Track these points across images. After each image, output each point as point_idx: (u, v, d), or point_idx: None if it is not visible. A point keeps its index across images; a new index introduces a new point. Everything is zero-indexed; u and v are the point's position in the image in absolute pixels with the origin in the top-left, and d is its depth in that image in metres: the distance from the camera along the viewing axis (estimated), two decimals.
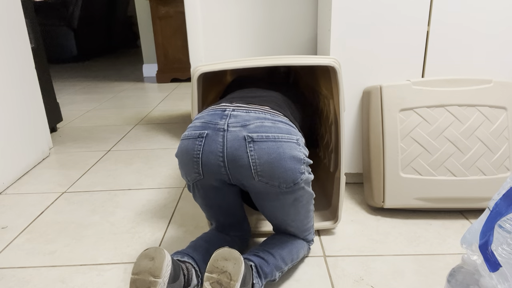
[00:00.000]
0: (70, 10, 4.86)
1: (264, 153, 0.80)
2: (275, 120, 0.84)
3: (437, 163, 1.16)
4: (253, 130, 0.81)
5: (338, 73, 1.01)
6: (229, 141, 0.81)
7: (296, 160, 0.82)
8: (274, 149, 0.80)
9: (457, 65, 1.25)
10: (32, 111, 1.75)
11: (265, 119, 0.83)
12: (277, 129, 0.82)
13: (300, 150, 0.83)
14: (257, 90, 1.01)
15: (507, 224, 0.66)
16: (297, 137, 0.84)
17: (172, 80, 3.67)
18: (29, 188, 1.53)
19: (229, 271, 0.73)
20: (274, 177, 0.81)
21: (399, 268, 0.99)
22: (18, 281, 0.99)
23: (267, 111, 0.86)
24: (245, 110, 0.85)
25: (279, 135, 0.82)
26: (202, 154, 0.82)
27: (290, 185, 0.83)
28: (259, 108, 0.86)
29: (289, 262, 0.93)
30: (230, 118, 0.83)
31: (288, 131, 0.83)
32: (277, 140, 0.81)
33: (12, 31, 1.62)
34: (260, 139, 0.80)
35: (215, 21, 1.59)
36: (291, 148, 0.82)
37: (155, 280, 0.72)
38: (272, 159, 0.80)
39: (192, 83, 1.04)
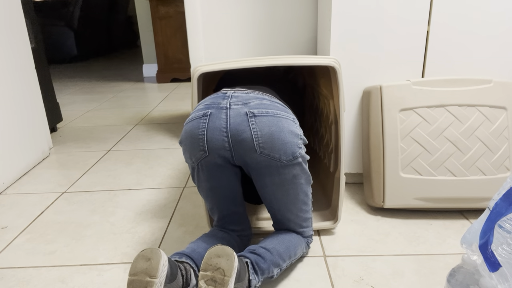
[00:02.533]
0: (70, 10, 4.86)
1: (265, 126, 0.86)
2: (272, 101, 0.91)
3: (437, 163, 1.16)
4: (253, 106, 0.88)
5: (338, 73, 1.01)
6: (232, 117, 0.87)
7: (294, 134, 0.88)
8: (274, 122, 0.86)
9: (457, 65, 1.25)
10: (32, 111, 1.75)
11: (263, 98, 0.90)
12: (275, 107, 0.89)
13: (296, 127, 0.89)
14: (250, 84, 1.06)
15: (507, 224, 0.66)
16: (293, 116, 0.91)
17: (172, 80, 3.67)
18: (29, 188, 1.53)
19: (223, 267, 0.74)
20: (274, 148, 0.86)
21: (399, 268, 0.99)
22: (18, 281, 0.99)
23: (263, 95, 0.93)
24: (245, 92, 0.92)
25: (278, 111, 0.88)
26: (207, 130, 0.87)
27: (290, 157, 0.87)
28: (257, 92, 0.93)
29: (287, 259, 0.93)
30: (232, 98, 0.89)
31: (284, 110, 0.90)
32: (276, 116, 0.87)
33: (12, 31, 1.62)
34: (260, 114, 0.87)
35: (215, 21, 1.59)
36: (288, 123, 0.88)
37: (152, 280, 0.73)
38: (272, 131, 0.86)
39: (192, 83, 1.04)
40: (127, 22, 6.34)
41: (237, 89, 0.94)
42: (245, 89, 0.94)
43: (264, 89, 0.99)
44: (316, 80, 1.30)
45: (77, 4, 4.87)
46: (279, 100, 0.94)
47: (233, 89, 0.94)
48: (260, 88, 0.99)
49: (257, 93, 0.92)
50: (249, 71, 1.22)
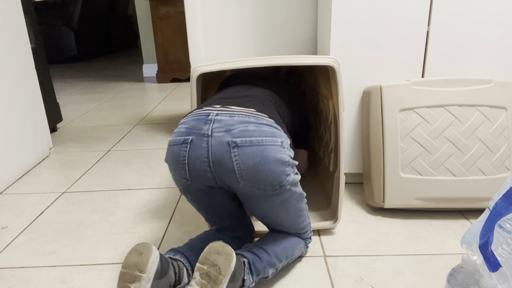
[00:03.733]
0: (70, 10, 4.86)
1: (248, 158, 0.80)
2: (259, 123, 0.84)
3: (437, 163, 1.16)
4: (237, 134, 0.81)
5: (337, 73, 1.01)
6: (214, 147, 0.82)
7: (281, 162, 0.82)
8: (258, 153, 0.81)
9: (457, 65, 1.25)
10: (32, 111, 1.75)
11: (249, 122, 0.83)
12: (261, 132, 0.82)
13: (284, 152, 0.83)
14: (247, 88, 1.01)
15: (507, 224, 0.66)
16: (281, 139, 0.84)
17: (172, 80, 3.67)
18: (29, 188, 1.53)
19: (219, 265, 0.75)
20: (259, 180, 0.82)
21: (399, 268, 0.99)
22: (18, 281, 0.99)
23: (252, 114, 0.86)
24: (228, 114, 0.85)
25: (263, 138, 0.82)
26: (188, 160, 0.83)
27: (276, 187, 0.83)
28: (243, 111, 0.86)
29: (283, 259, 0.93)
30: (214, 123, 0.83)
31: (272, 134, 0.83)
32: (260, 144, 0.81)
33: (12, 31, 1.62)
34: (243, 144, 0.81)
35: (215, 21, 1.59)
36: (275, 151, 0.82)
37: (140, 274, 0.74)
38: (256, 163, 0.81)
39: (191, 83, 1.04)
40: (127, 22, 6.34)
41: (221, 109, 0.86)
42: (230, 109, 0.86)
43: (258, 98, 0.95)
44: (315, 80, 1.31)
45: (77, 4, 4.87)
46: (268, 118, 0.86)
47: (217, 109, 0.87)
48: (253, 97, 0.94)
49: (243, 114, 0.85)
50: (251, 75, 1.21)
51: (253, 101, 0.92)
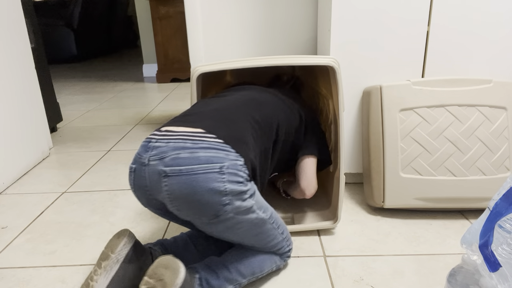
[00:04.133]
0: (70, 10, 4.86)
1: (176, 188, 0.76)
2: (195, 148, 0.77)
3: (437, 163, 1.16)
4: (168, 163, 0.76)
5: (337, 73, 1.01)
6: (149, 176, 0.79)
7: (215, 192, 0.75)
8: (187, 183, 0.75)
9: (457, 65, 1.25)
10: (32, 111, 1.75)
11: (183, 149, 0.77)
12: (193, 159, 0.75)
13: (222, 180, 0.75)
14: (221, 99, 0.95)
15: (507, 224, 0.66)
16: (221, 164, 0.76)
17: (172, 80, 3.67)
18: (29, 188, 1.53)
19: (165, 280, 0.74)
20: (192, 210, 0.78)
21: (399, 268, 0.99)
22: (18, 281, 0.99)
23: (191, 137, 0.79)
24: (166, 140, 0.79)
25: (195, 166, 0.75)
26: (134, 188, 0.83)
27: (212, 218, 0.78)
28: (183, 135, 0.79)
29: (248, 275, 0.89)
30: (152, 151, 0.79)
31: (207, 160, 0.75)
32: (191, 173, 0.75)
33: (12, 31, 1.62)
34: (173, 173, 0.75)
35: (215, 21, 1.59)
36: (208, 180, 0.75)
37: (110, 255, 0.81)
38: (185, 195, 0.75)
39: (191, 83, 1.04)
40: (127, 22, 6.34)
41: (164, 133, 0.81)
42: (172, 133, 0.80)
43: (222, 113, 0.88)
44: (315, 80, 1.30)
45: (77, 4, 4.86)
46: (213, 139, 0.79)
47: (162, 132, 0.82)
48: (215, 112, 0.88)
49: (181, 140, 0.78)
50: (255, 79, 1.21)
51: (213, 117, 0.86)
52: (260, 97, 0.99)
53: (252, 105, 0.93)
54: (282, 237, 0.93)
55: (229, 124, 0.85)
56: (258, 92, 1.02)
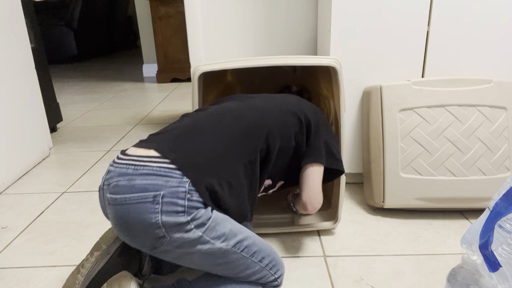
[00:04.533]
0: (70, 10, 4.86)
1: (113, 217, 0.72)
2: (134, 175, 0.71)
3: (437, 163, 1.16)
4: (110, 190, 0.72)
5: (338, 74, 1.01)
6: (102, 201, 0.77)
7: (147, 224, 0.68)
8: (120, 214, 0.70)
9: (457, 65, 1.25)
10: (32, 111, 1.75)
11: (124, 175, 0.71)
12: (129, 188, 0.70)
13: (154, 210, 0.68)
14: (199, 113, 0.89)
15: (507, 224, 0.67)
16: (155, 193, 0.68)
17: (172, 80, 3.67)
18: (29, 188, 1.53)
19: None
20: (130, 240, 0.74)
21: (399, 268, 0.99)
22: (18, 281, 0.99)
23: (137, 161, 0.73)
24: (117, 164, 0.75)
25: (129, 196, 0.69)
26: (101, 208, 0.80)
27: (151, 249, 0.73)
28: (132, 159, 0.74)
29: None
30: (106, 175, 0.75)
31: (142, 188, 0.69)
32: (124, 203, 0.70)
33: (12, 31, 1.62)
34: (112, 202, 0.71)
35: (215, 21, 1.59)
36: (139, 211, 0.68)
37: (102, 246, 0.87)
38: (120, 225, 0.72)
39: (192, 82, 1.04)
40: (127, 22, 6.33)
41: (120, 157, 0.77)
42: (125, 157, 0.75)
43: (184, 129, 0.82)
44: (316, 81, 1.30)
45: (77, 4, 4.86)
46: (158, 164, 0.72)
47: (119, 157, 0.77)
48: (179, 129, 0.82)
49: (125, 165, 0.73)
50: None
51: (177, 135, 0.79)
52: (243, 105, 0.91)
53: (231, 116, 0.86)
54: (260, 265, 0.80)
55: (191, 142, 0.77)
56: (244, 99, 0.94)
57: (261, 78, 1.52)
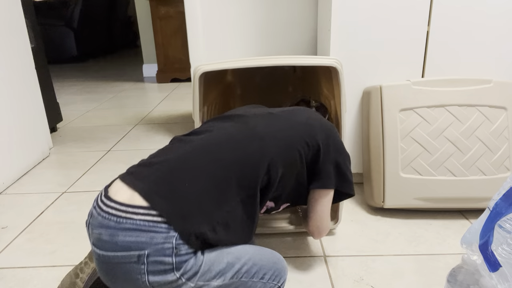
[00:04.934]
0: (70, 10, 4.86)
1: (100, 269, 0.68)
2: (117, 229, 0.65)
3: (437, 163, 1.16)
4: (93, 241, 0.68)
5: (340, 74, 1.01)
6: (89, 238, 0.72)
7: (135, 284, 0.65)
8: (106, 270, 0.67)
9: (457, 65, 1.25)
10: (32, 111, 1.75)
11: (106, 228, 0.65)
12: (112, 245, 0.64)
13: (141, 271, 0.64)
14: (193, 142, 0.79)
15: (507, 224, 0.66)
16: (140, 252, 0.63)
17: (172, 80, 3.67)
18: (29, 188, 1.53)
19: None
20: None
21: (399, 268, 0.99)
22: (18, 281, 0.99)
23: (119, 211, 0.66)
24: (99, 210, 0.68)
25: (112, 254, 0.65)
26: None
27: None
28: (114, 207, 0.67)
29: None
30: (90, 217, 0.70)
31: (125, 247, 0.64)
32: (109, 262, 0.66)
33: (12, 31, 1.62)
34: (96, 257, 0.67)
35: (215, 21, 1.59)
36: (126, 272, 0.65)
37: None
38: (107, 278, 0.68)
39: (193, 82, 1.04)
40: (127, 22, 6.33)
41: (99, 201, 0.70)
42: (108, 200, 0.68)
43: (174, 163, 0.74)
44: (317, 81, 1.30)
45: (77, 4, 4.86)
46: (143, 218, 0.65)
47: (100, 199, 0.71)
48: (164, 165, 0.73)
49: (107, 213, 0.67)
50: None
51: (165, 175, 0.71)
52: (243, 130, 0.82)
53: (228, 147, 0.77)
54: (262, 282, 0.77)
55: (181, 184, 0.69)
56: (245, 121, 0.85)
57: (261, 78, 1.52)
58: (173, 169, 0.71)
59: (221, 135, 0.80)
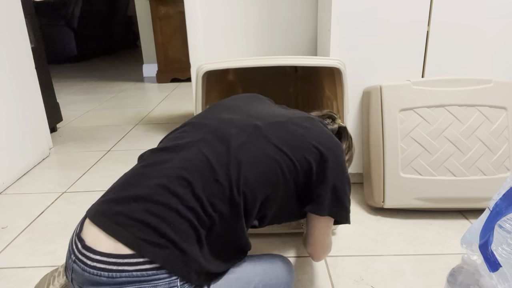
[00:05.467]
0: (70, 10, 4.86)
1: None
2: (112, 285, 0.59)
3: (437, 163, 1.16)
4: None
5: (343, 75, 1.01)
6: None
7: None
8: None
9: (457, 65, 1.25)
10: (32, 111, 1.75)
11: (98, 285, 0.60)
12: None
13: None
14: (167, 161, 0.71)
15: (507, 224, 0.66)
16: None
17: (172, 80, 3.67)
18: (29, 188, 1.53)
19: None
20: None
21: (399, 268, 0.99)
22: (18, 281, 0.99)
23: (109, 264, 0.60)
24: (83, 263, 0.61)
25: None
26: None
27: None
28: (101, 261, 0.60)
29: None
30: (73, 272, 0.63)
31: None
32: None
33: (12, 31, 1.62)
34: None
35: (215, 21, 1.59)
36: None
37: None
38: None
39: (196, 81, 1.04)
40: (127, 22, 6.33)
41: (79, 253, 0.62)
42: (90, 252, 0.61)
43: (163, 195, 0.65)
44: (320, 81, 1.30)
45: (77, 4, 4.86)
46: (135, 268, 0.59)
47: (78, 249, 0.63)
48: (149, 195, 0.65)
49: (96, 269, 0.60)
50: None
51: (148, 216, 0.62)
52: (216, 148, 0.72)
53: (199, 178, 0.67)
54: None
55: (164, 222, 0.62)
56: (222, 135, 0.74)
57: (263, 78, 1.52)
58: (150, 206, 0.63)
59: (194, 162, 0.69)
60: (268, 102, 0.91)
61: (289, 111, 0.85)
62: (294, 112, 0.84)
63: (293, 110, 0.86)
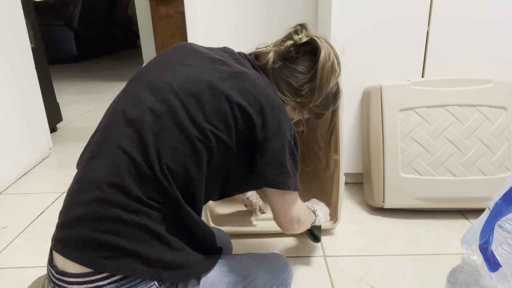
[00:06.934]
0: (70, 10, 4.86)
1: None
2: None
3: (437, 163, 1.16)
4: None
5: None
6: None
7: None
8: None
9: (457, 65, 1.25)
10: (32, 111, 1.75)
11: None
12: None
13: None
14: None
15: (507, 224, 0.66)
16: None
17: None
18: (29, 188, 1.53)
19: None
20: None
21: (399, 268, 0.99)
22: (18, 281, 0.99)
23: (83, 286, 0.61)
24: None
25: None
26: None
27: None
28: (76, 284, 0.61)
29: None
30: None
31: None
32: None
33: (12, 31, 1.62)
34: None
35: (215, 21, 1.59)
36: None
37: None
38: None
39: None
40: (127, 22, 6.33)
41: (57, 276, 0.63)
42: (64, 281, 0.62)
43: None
44: None
45: (77, 4, 4.86)
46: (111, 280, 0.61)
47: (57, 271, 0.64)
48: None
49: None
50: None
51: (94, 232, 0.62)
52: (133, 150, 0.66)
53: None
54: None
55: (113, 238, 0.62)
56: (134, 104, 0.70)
57: None
58: (96, 225, 0.63)
59: (119, 164, 0.65)
60: (193, 55, 0.77)
61: (216, 67, 0.73)
62: (221, 69, 0.72)
63: (222, 59, 0.76)
